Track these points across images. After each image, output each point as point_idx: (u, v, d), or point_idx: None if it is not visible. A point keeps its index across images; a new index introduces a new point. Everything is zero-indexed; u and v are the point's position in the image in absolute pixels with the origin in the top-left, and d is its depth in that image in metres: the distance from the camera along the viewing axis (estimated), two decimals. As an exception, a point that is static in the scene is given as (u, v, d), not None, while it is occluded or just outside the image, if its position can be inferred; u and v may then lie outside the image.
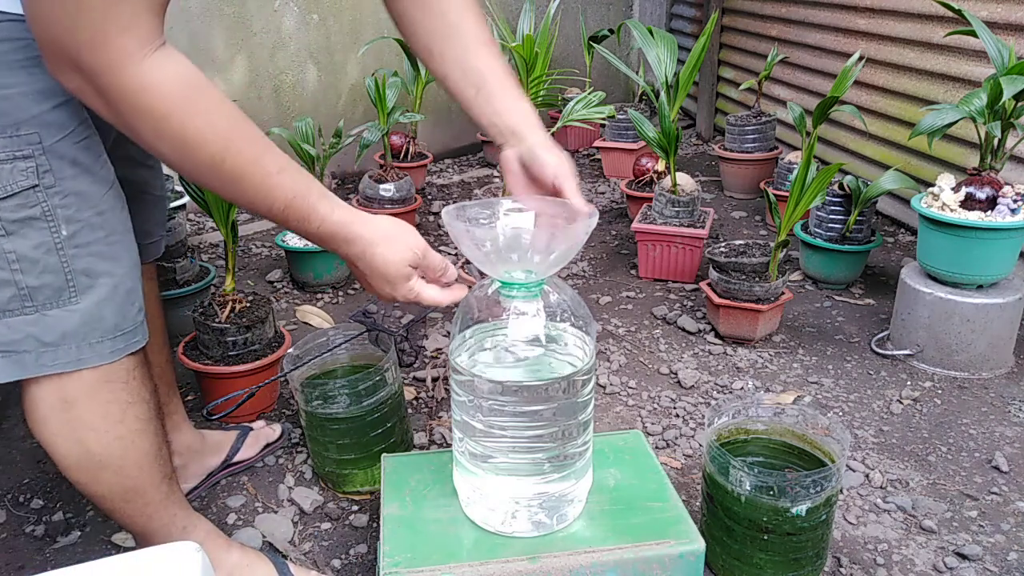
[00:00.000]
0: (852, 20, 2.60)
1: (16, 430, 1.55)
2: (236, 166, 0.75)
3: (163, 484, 0.99)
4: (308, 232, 0.83)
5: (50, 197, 0.80)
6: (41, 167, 0.78)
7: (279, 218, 0.80)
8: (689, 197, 2.13)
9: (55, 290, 0.82)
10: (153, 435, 0.97)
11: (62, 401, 0.88)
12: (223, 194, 0.79)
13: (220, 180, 0.76)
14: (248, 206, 0.79)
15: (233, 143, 0.74)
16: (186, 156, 0.73)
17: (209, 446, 1.37)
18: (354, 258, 0.87)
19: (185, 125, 0.71)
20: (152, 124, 0.70)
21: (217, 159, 0.73)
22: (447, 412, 1.57)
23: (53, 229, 0.81)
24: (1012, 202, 1.57)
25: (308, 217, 0.81)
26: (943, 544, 1.21)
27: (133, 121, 0.70)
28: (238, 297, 1.58)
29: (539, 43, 1.80)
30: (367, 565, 1.20)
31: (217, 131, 0.73)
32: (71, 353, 0.85)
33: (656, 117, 2.28)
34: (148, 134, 0.71)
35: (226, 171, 0.75)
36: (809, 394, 1.62)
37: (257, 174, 0.76)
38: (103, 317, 0.86)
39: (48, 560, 1.23)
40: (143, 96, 0.68)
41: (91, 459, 0.92)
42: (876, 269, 2.21)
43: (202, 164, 0.74)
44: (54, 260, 0.81)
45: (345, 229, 0.84)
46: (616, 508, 0.96)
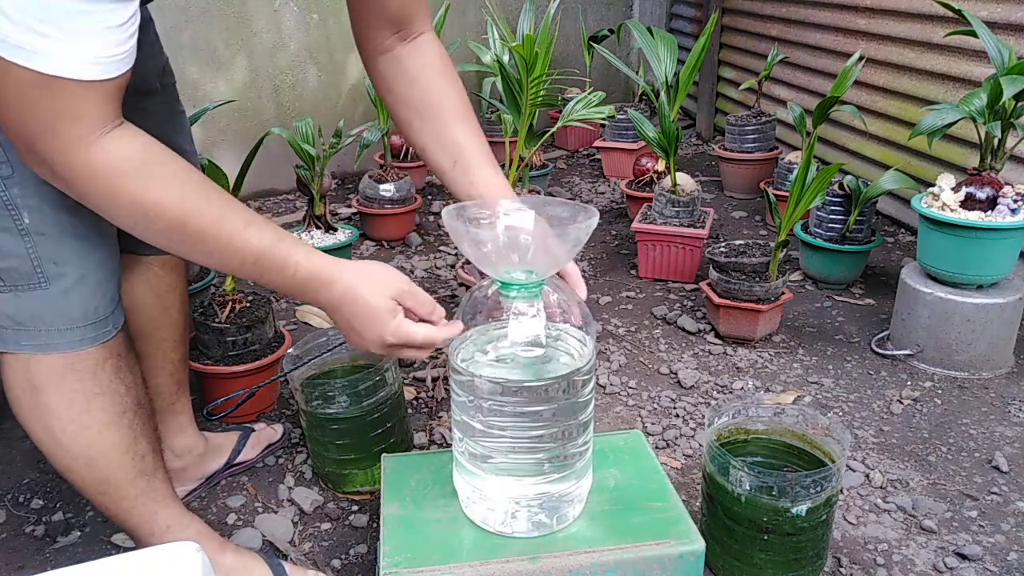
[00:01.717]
0: (852, 20, 2.60)
1: (16, 430, 1.55)
2: (199, 228, 0.76)
3: (139, 480, 0.99)
4: (284, 282, 0.82)
5: (9, 187, 0.82)
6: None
7: (252, 273, 0.81)
8: (689, 197, 2.13)
9: (24, 274, 0.85)
10: (126, 429, 0.96)
11: (30, 384, 0.90)
12: (193, 258, 0.81)
13: (185, 244, 0.78)
14: (220, 266, 0.80)
15: (191, 207, 0.76)
16: (148, 226, 0.76)
17: (211, 449, 1.37)
18: (336, 303, 0.85)
19: (139, 198, 0.74)
20: (108, 200, 0.74)
21: (177, 224, 0.75)
22: (447, 412, 1.57)
23: (15, 216, 0.83)
24: (1012, 202, 1.57)
25: (283, 265, 0.81)
26: (943, 544, 1.21)
27: (92, 199, 0.74)
28: (238, 297, 1.58)
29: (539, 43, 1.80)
30: (367, 565, 1.20)
31: (172, 198, 0.75)
32: (40, 336, 0.88)
33: (656, 117, 2.28)
34: (108, 209, 0.75)
35: (189, 234, 0.76)
36: (809, 394, 1.62)
37: (222, 233, 0.77)
38: (70, 305, 0.88)
39: (48, 560, 1.23)
40: (95, 178, 0.72)
41: (59, 446, 0.93)
42: (876, 269, 2.21)
43: (164, 231, 0.76)
44: (19, 246, 0.84)
45: (324, 272, 0.83)
46: (616, 508, 0.96)
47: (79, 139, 0.70)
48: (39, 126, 0.69)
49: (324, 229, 2.19)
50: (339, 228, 2.22)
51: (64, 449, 0.93)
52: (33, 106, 0.68)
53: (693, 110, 3.82)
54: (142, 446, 0.99)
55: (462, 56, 3.18)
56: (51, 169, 0.72)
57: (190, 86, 2.81)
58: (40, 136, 0.70)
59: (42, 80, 0.67)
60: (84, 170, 0.72)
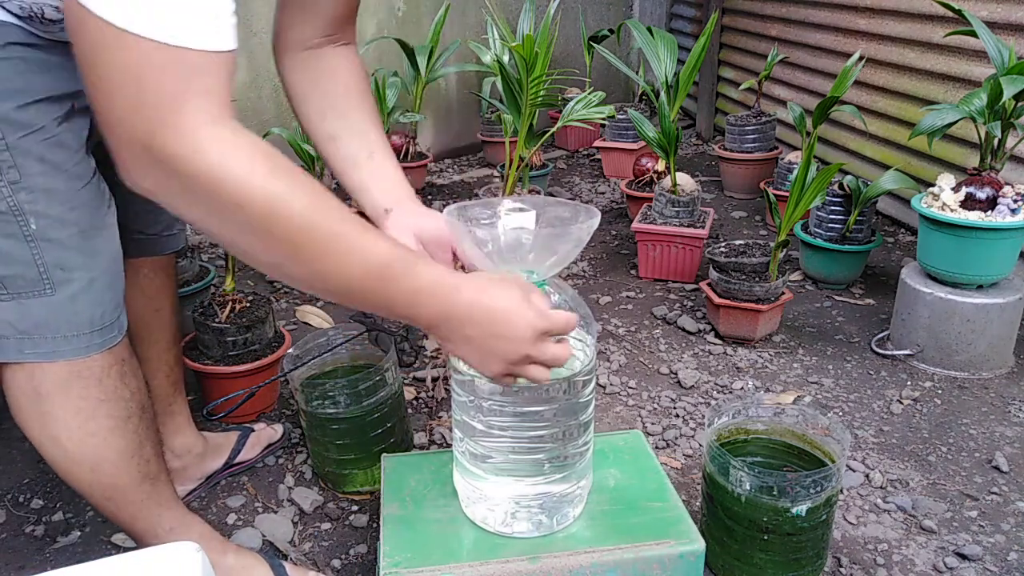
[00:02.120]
0: (852, 20, 2.60)
1: (17, 430, 1.54)
2: (327, 231, 0.65)
3: (145, 484, 0.99)
4: (410, 290, 0.70)
5: (15, 192, 0.81)
6: (4, 163, 0.79)
7: (374, 283, 0.68)
8: (689, 197, 2.13)
9: (29, 281, 0.84)
10: (131, 434, 0.96)
11: (35, 392, 0.89)
12: (301, 270, 0.66)
13: (305, 251, 0.65)
14: (335, 277, 0.67)
15: (321, 206, 0.65)
16: (270, 229, 0.63)
17: (211, 449, 1.37)
18: (466, 309, 0.73)
19: (271, 195, 0.62)
20: (236, 194, 0.61)
21: (306, 227, 0.64)
22: (447, 412, 1.57)
23: (21, 223, 0.81)
24: (1012, 202, 1.57)
25: (410, 273, 0.70)
26: (943, 544, 1.21)
27: (217, 196, 0.60)
28: (238, 297, 1.58)
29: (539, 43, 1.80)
30: (367, 565, 1.20)
31: (303, 195, 0.64)
32: (46, 344, 0.86)
33: (656, 117, 2.28)
34: (230, 207, 0.61)
35: (316, 238, 0.65)
36: (809, 394, 1.62)
37: (349, 235, 0.67)
38: (78, 311, 0.87)
39: (48, 560, 1.23)
40: (226, 166, 0.60)
41: (65, 454, 0.92)
42: (876, 269, 2.21)
43: (288, 235, 0.63)
44: (25, 252, 0.83)
45: (447, 276, 0.72)
46: (616, 508, 0.96)
47: (206, 122, 0.59)
48: (161, 108, 0.57)
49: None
50: (339, 228, 2.22)
51: (69, 456, 0.93)
52: (158, 85, 0.57)
53: (693, 110, 3.82)
54: (147, 450, 0.99)
55: (462, 56, 3.18)
56: (171, 163, 0.59)
57: (190, 86, 2.81)
58: (162, 120, 0.58)
59: (165, 52, 0.57)
60: (215, 157, 0.59)
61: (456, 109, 3.58)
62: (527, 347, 0.74)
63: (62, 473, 0.95)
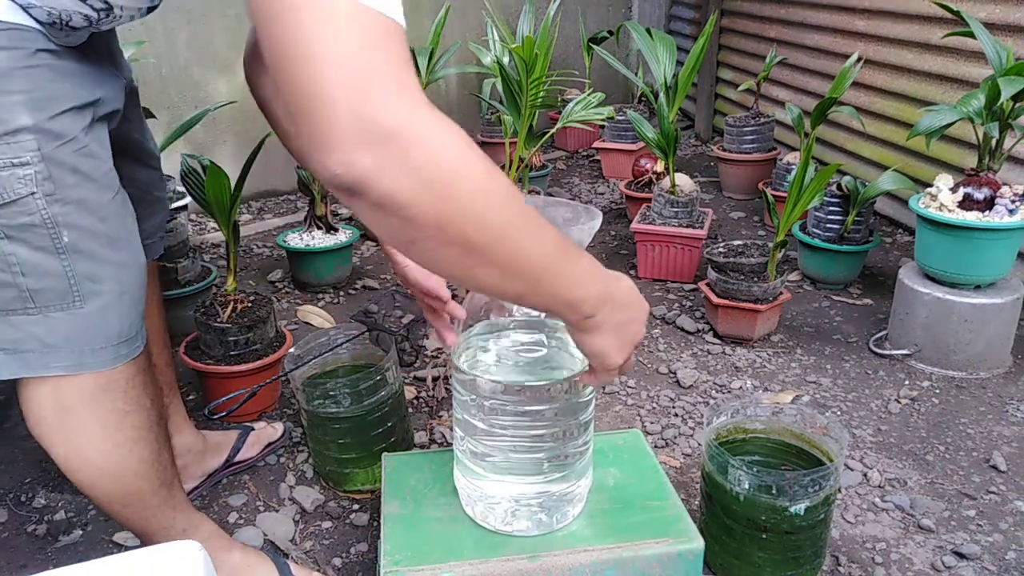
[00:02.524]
0: (850, 21, 2.60)
1: (18, 429, 1.56)
2: (520, 209, 0.60)
3: (162, 489, 1.00)
4: (581, 268, 0.67)
5: (50, 205, 0.79)
6: (40, 174, 0.78)
7: (555, 261, 0.64)
8: (688, 198, 2.13)
9: (58, 293, 0.83)
10: (153, 442, 0.97)
11: (59, 406, 0.88)
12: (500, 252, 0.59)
13: (509, 227, 0.60)
14: (529, 252, 0.61)
15: (509, 184, 0.61)
16: (487, 207, 0.57)
17: (210, 447, 1.38)
18: (624, 291, 0.73)
19: (485, 168, 0.57)
20: (457, 172, 0.55)
21: (510, 198, 0.59)
22: (448, 411, 1.58)
23: (54, 235, 0.80)
24: (1010, 202, 1.57)
25: (578, 249, 0.68)
26: (941, 543, 1.22)
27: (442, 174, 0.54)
28: (240, 297, 1.59)
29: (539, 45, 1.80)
30: (368, 564, 1.21)
31: (499, 172, 0.59)
32: (73, 357, 0.85)
33: (655, 118, 2.28)
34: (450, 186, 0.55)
35: (518, 213, 0.60)
36: (807, 393, 1.63)
37: (533, 211, 0.62)
38: (108, 323, 0.86)
39: (50, 559, 1.23)
40: (444, 140, 0.54)
41: (88, 465, 0.92)
42: (874, 269, 2.21)
43: (500, 208, 0.58)
44: (56, 265, 0.81)
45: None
46: (615, 507, 0.96)
47: (420, 95, 0.54)
48: (387, 79, 0.52)
49: (325, 229, 2.19)
50: (340, 228, 2.23)
51: (93, 467, 0.92)
52: (377, 53, 0.51)
53: (692, 111, 3.83)
54: (164, 456, 1.00)
55: (462, 58, 3.19)
56: (396, 139, 0.51)
57: (191, 87, 2.82)
58: (388, 91, 0.51)
59: (384, 22, 0.52)
60: (434, 131, 0.53)
61: (456, 110, 3.58)
62: (644, 328, 0.78)
63: (81, 483, 0.94)
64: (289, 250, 2.14)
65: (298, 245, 2.14)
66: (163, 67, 2.76)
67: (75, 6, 0.78)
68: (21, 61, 0.76)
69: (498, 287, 0.63)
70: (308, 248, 2.12)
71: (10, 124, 0.75)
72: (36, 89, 0.77)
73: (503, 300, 0.64)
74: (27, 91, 0.76)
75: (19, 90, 0.76)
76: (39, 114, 0.77)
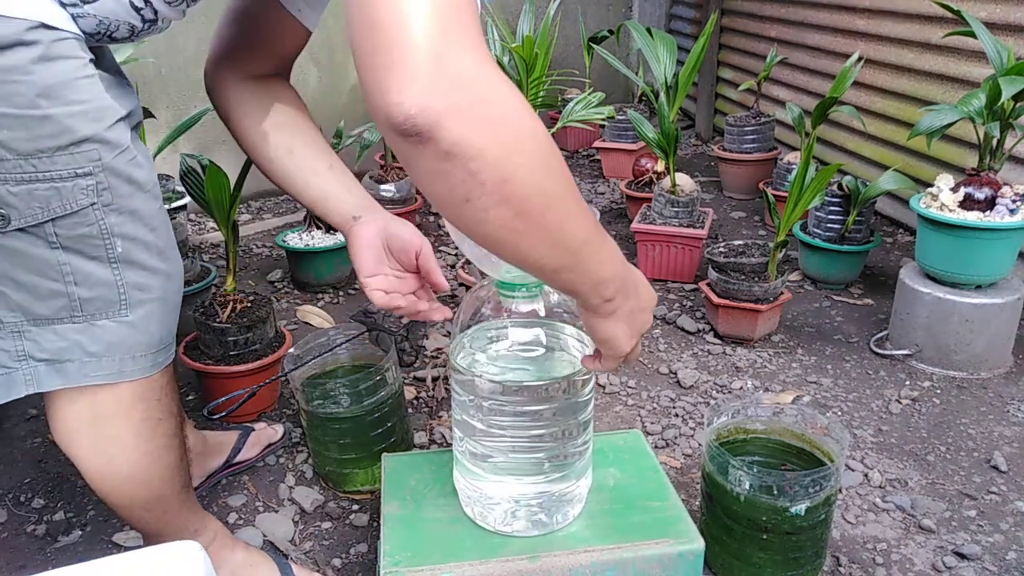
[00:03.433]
0: (851, 21, 2.60)
1: (17, 430, 1.56)
2: (562, 168, 0.60)
3: (182, 492, 1.00)
4: (610, 247, 0.67)
5: (107, 215, 0.80)
6: (100, 185, 0.78)
7: (591, 240, 0.64)
8: (688, 197, 2.13)
9: (107, 302, 0.83)
10: (179, 448, 0.98)
11: (94, 417, 0.88)
12: (538, 221, 0.59)
13: (553, 184, 0.59)
14: (570, 225, 0.61)
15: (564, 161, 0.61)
16: (534, 154, 0.57)
17: (211, 447, 1.38)
18: (634, 286, 0.73)
19: (529, 113, 0.57)
20: (510, 110, 0.55)
21: (553, 152, 0.59)
22: (447, 412, 1.57)
23: (108, 246, 0.81)
24: (1011, 202, 1.57)
25: (607, 240, 0.68)
26: (942, 543, 1.21)
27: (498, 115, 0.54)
28: (239, 297, 1.58)
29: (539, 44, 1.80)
30: (367, 564, 1.20)
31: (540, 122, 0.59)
32: (113, 365, 0.85)
33: (655, 118, 2.28)
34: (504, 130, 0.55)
35: (560, 172, 0.60)
36: (808, 394, 1.62)
37: (572, 182, 0.63)
38: (150, 330, 0.87)
39: (49, 559, 1.23)
40: (500, 83, 0.54)
41: (117, 473, 0.92)
42: (875, 269, 2.21)
43: (544, 161, 0.58)
44: (108, 275, 0.82)
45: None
46: (616, 507, 0.96)
47: (493, 59, 0.55)
48: (469, 36, 0.53)
49: (325, 229, 2.19)
50: (339, 228, 2.22)
51: (121, 475, 0.92)
52: (466, 14, 0.53)
53: (692, 111, 3.83)
54: (185, 460, 1.01)
55: (462, 57, 3.18)
56: (475, 86, 0.52)
57: (191, 87, 2.82)
58: (468, 46, 0.52)
59: None
60: (508, 89, 0.54)
61: (456, 110, 3.58)
62: (651, 320, 0.78)
63: (104, 489, 0.93)
64: (288, 250, 2.14)
65: (297, 245, 2.14)
66: (163, 67, 2.76)
67: (126, 16, 0.79)
68: (81, 71, 0.76)
69: (540, 257, 0.62)
70: (307, 248, 2.12)
71: (76, 134, 0.75)
72: (94, 99, 0.77)
73: (535, 274, 0.65)
74: (88, 101, 0.76)
75: (82, 100, 0.76)
76: (99, 124, 0.77)
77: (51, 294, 0.80)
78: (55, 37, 0.73)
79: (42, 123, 0.73)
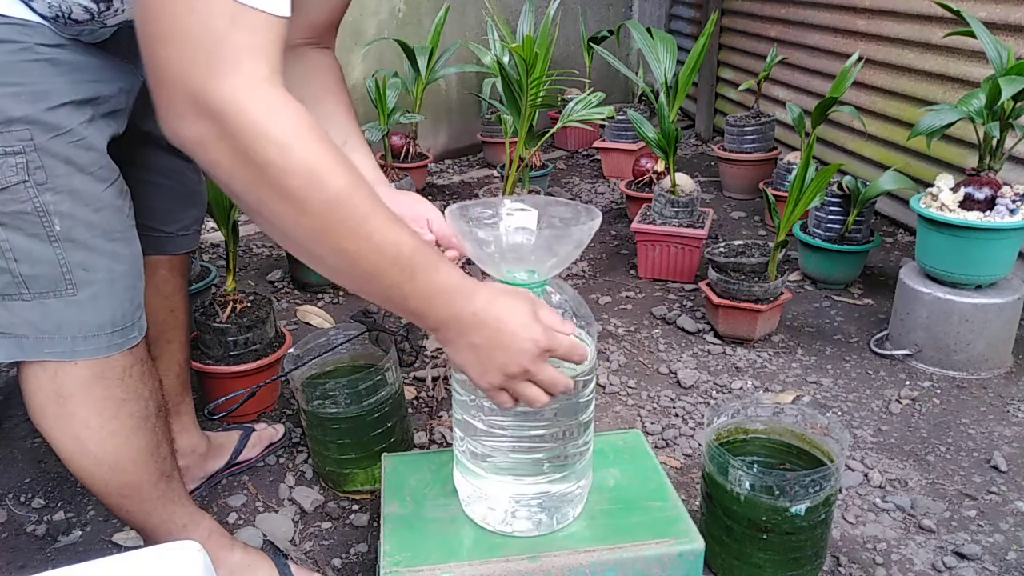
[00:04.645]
0: (851, 21, 2.60)
1: (17, 430, 1.56)
2: (361, 206, 0.65)
3: (161, 482, 1.00)
4: (429, 286, 0.70)
5: (41, 193, 0.81)
6: (32, 163, 0.80)
7: (400, 271, 0.68)
8: (688, 197, 2.13)
9: (51, 281, 0.84)
10: (150, 432, 0.97)
11: (56, 394, 0.89)
12: (329, 249, 0.65)
13: (341, 225, 0.64)
14: (367, 258, 0.66)
15: (355, 179, 0.65)
16: (308, 195, 0.62)
17: (213, 448, 1.37)
18: (480, 314, 0.73)
19: (313, 157, 0.62)
20: (278, 155, 0.60)
21: (344, 197, 0.63)
22: (447, 411, 1.57)
23: (46, 223, 0.82)
24: (1011, 202, 1.57)
25: (435, 266, 0.70)
26: (942, 543, 1.21)
27: (261, 155, 0.60)
28: (239, 297, 1.58)
29: (539, 44, 1.80)
30: (367, 564, 1.20)
31: (340, 165, 0.64)
32: (66, 344, 0.87)
33: (655, 118, 2.28)
34: (270, 171, 0.60)
35: (353, 210, 0.64)
36: (808, 394, 1.62)
37: (379, 216, 0.66)
38: (99, 311, 0.88)
39: (49, 559, 1.23)
40: (273, 124, 0.60)
41: (86, 453, 0.93)
42: (875, 269, 2.21)
43: (326, 204, 0.63)
44: (48, 252, 0.83)
45: (466, 280, 0.73)
46: (616, 508, 0.96)
47: (261, 79, 0.60)
48: (221, 62, 0.58)
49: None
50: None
51: (90, 456, 0.93)
52: (218, 38, 0.58)
53: (692, 111, 3.83)
54: (163, 448, 1.00)
55: (462, 57, 3.18)
56: (221, 115, 0.59)
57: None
58: (218, 72, 0.58)
59: (232, 7, 0.58)
60: (265, 114, 0.59)
61: (456, 110, 3.58)
62: (527, 362, 0.75)
63: (80, 472, 0.95)
64: (289, 250, 2.13)
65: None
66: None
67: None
68: (17, 55, 0.78)
69: (330, 277, 0.70)
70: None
71: (3, 115, 0.77)
72: (32, 83, 0.79)
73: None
74: (23, 84, 0.78)
75: (13, 83, 0.78)
76: (34, 106, 0.79)
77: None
78: None
79: None
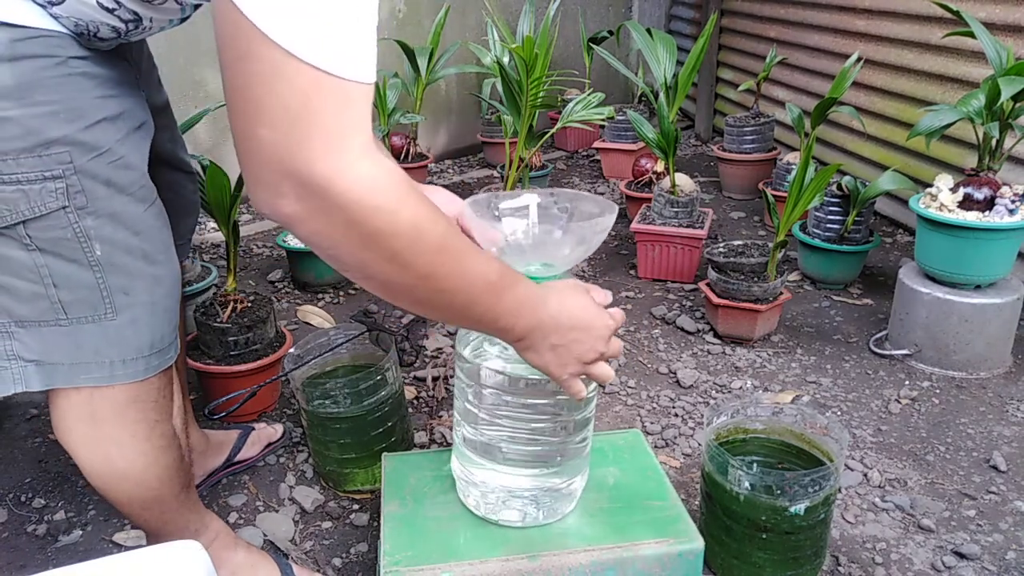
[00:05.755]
0: (850, 21, 2.60)
1: (17, 430, 1.56)
2: (457, 248, 0.67)
3: (182, 493, 1.00)
4: (515, 300, 0.73)
5: (82, 219, 0.78)
6: (72, 187, 0.76)
7: (490, 294, 0.70)
8: (688, 198, 2.13)
9: (90, 305, 0.82)
10: (177, 448, 0.98)
11: (91, 417, 0.88)
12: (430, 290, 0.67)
13: (441, 269, 0.66)
14: (463, 293, 0.68)
15: (448, 226, 0.66)
16: (412, 250, 0.63)
17: (212, 446, 1.38)
18: (555, 315, 0.76)
19: (415, 216, 0.62)
20: (385, 222, 0.60)
21: (440, 246, 0.65)
22: (447, 411, 1.58)
23: (86, 249, 0.79)
24: (1010, 202, 1.57)
25: (517, 281, 0.73)
26: (941, 543, 1.22)
27: (363, 224, 0.60)
28: (239, 297, 1.59)
29: (539, 44, 1.80)
30: (368, 564, 1.21)
31: (435, 216, 0.65)
32: (104, 369, 0.85)
33: (655, 118, 2.28)
34: (377, 236, 0.61)
35: (449, 256, 0.66)
36: (807, 393, 1.63)
37: (470, 251, 0.69)
38: (139, 334, 0.86)
39: (50, 559, 1.23)
40: (374, 195, 0.59)
41: (114, 471, 0.92)
42: (874, 269, 2.21)
43: (429, 255, 0.64)
44: (89, 277, 0.81)
45: (535, 286, 0.76)
46: (615, 507, 0.96)
47: (362, 151, 0.58)
48: (323, 138, 0.56)
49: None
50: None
51: (119, 474, 0.92)
52: (319, 115, 0.55)
53: (692, 111, 3.83)
54: (185, 461, 1.01)
55: (462, 57, 3.19)
56: (326, 192, 0.57)
57: (193, 86, 2.82)
58: (323, 152, 0.56)
59: (332, 82, 0.55)
60: (371, 188, 0.59)
61: (456, 110, 3.58)
62: (602, 346, 0.80)
63: (103, 487, 0.94)
64: (289, 250, 2.14)
65: (298, 245, 2.14)
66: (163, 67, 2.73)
67: (103, 17, 0.76)
68: (52, 70, 0.73)
69: (423, 314, 0.72)
70: (308, 248, 2.12)
71: (42, 136, 0.73)
72: (70, 99, 0.75)
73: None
74: (59, 101, 0.74)
75: (51, 100, 0.73)
76: (72, 125, 0.75)
77: (32, 296, 0.79)
78: (17, 36, 0.70)
79: (3, 125, 0.71)
